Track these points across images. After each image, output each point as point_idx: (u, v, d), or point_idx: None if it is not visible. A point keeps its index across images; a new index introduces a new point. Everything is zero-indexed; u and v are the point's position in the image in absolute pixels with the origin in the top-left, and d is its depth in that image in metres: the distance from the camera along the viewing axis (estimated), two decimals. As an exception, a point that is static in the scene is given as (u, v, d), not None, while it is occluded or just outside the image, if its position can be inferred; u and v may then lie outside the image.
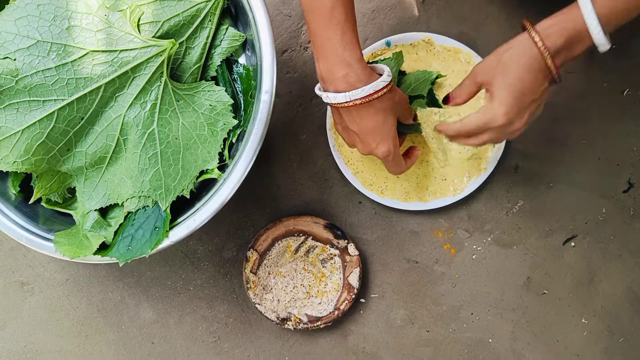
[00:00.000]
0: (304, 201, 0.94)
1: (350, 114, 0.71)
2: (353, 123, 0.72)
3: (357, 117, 0.71)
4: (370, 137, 0.72)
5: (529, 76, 0.65)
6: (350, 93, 0.68)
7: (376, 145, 0.72)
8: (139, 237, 0.74)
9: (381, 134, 0.72)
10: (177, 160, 0.75)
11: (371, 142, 0.72)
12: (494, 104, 0.68)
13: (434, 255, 0.93)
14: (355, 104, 0.69)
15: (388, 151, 0.73)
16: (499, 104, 0.67)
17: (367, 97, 0.68)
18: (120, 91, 0.73)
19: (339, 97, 0.69)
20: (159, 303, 0.95)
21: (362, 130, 0.72)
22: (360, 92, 0.68)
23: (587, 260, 0.93)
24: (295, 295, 0.91)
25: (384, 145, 0.73)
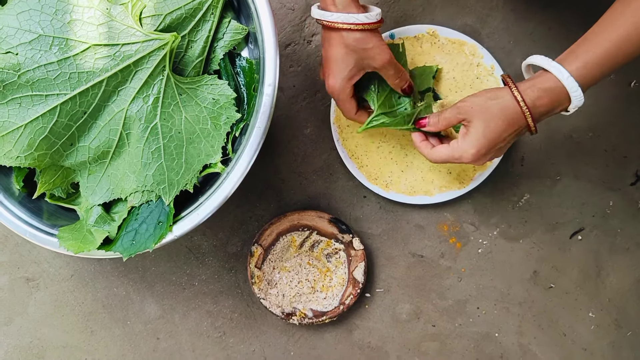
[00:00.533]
0: (309, 195, 0.93)
1: (324, 36, 0.74)
2: (324, 46, 0.74)
3: (326, 40, 0.73)
4: (327, 66, 0.74)
5: (507, 127, 0.71)
6: (320, 12, 0.71)
7: (328, 74, 0.74)
8: (143, 231, 0.74)
9: (333, 68, 0.73)
10: (180, 155, 0.74)
11: (327, 71, 0.74)
12: (466, 143, 0.72)
13: (439, 249, 0.93)
14: (323, 24, 0.71)
15: (332, 86, 0.74)
16: (472, 145, 0.72)
17: (333, 23, 0.70)
18: (122, 85, 0.72)
19: (314, 12, 0.73)
20: (164, 298, 0.94)
21: (325, 56, 0.74)
22: (329, 15, 0.70)
23: (594, 253, 0.92)
24: (300, 290, 0.91)
25: (332, 79, 0.74)
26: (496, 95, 0.71)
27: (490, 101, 0.71)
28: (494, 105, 0.71)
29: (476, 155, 0.72)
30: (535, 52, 0.91)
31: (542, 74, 0.70)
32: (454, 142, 0.74)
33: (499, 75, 0.90)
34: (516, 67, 0.92)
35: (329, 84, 0.75)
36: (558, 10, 0.92)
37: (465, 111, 0.73)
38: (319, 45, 0.94)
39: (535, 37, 0.92)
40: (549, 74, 0.69)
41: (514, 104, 0.70)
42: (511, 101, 0.70)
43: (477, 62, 0.90)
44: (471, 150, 0.72)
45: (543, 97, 0.69)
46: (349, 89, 0.76)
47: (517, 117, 0.70)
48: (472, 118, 0.72)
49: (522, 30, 0.92)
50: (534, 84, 0.69)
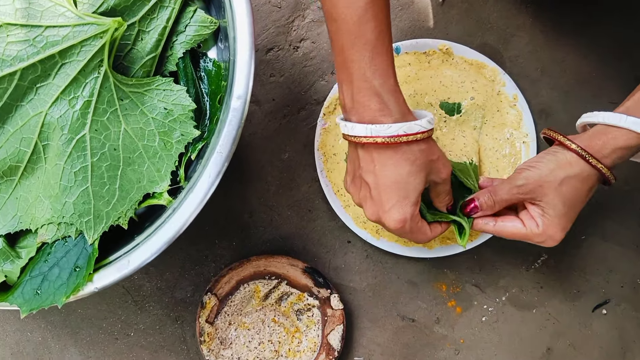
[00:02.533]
0: (281, 235, 0.76)
1: (369, 156, 0.56)
2: (369, 170, 0.57)
3: (377, 162, 0.56)
4: (385, 194, 0.56)
5: (587, 194, 0.61)
6: (373, 126, 0.54)
7: (390, 207, 0.56)
8: (53, 278, 0.55)
9: (399, 193, 0.56)
10: (113, 179, 0.56)
11: (385, 201, 0.56)
12: (550, 227, 0.60)
13: (435, 313, 0.76)
14: (376, 142, 0.54)
15: (403, 220, 0.57)
16: (559, 227, 0.60)
17: (394, 138, 0.54)
18: (42, 81, 0.55)
19: (358, 129, 0.54)
20: (90, 349, 0.76)
21: (378, 183, 0.56)
22: (386, 128, 0.53)
23: (620, 331, 0.76)
24: (260, 354, 0.72)
25: (398, 210, 0.56)
26: (565, 164, 0.60)
27: (561, 171, 0.59)
28: (571, 180, 0.59)
29: (562, 237, 0.61)
30: (564, 84, 0.76)
31: (609, 130, 0.58)
32: (531, 224, 0.61)
33: (521, 108, 0.74)
34: (542, 99, 0.76)
35: (398, 219, 0.57)
36: (595, 34, 0.77)
37: (530, 190, 0.60)
38: (307, 53, 0.77)
39: (566, 66, 0.77)
40: (622, 130, 0.57)
41: (591, 170, 0.59)
42: (587, 168, 0.59)
43: (498, 89, 0.75)
44: (559, 235, 0.61)
45: (623, 156, 0.59)
46: (418, 214, 0.59)
47: (594, 179, 0.60)
48: (543, 197, 0.60)
49: (552, 57, 0.77)
50: (606, 143, 0.58)
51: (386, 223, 0.57)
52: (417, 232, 0.60)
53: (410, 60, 0.74)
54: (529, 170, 0.60)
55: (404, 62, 0.74)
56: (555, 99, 0.77)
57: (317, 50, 0.77)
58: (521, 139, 0.74)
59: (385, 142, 0.54)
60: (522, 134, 0.74)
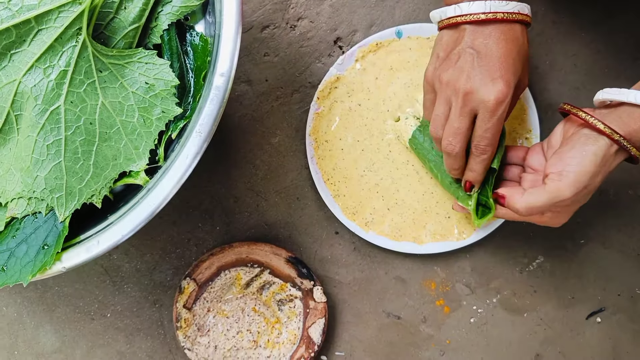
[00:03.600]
0: (266, 221, 0.73)
1: (476, 32, 0.56)
2: (475, 42, 0.56)
3: (486, 36, 0.56)
4: (491, 64, 0.55)
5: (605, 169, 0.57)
6: (492, 2, 0.55)
7: (493, 79, 0.55)
8: (20, 254, 0.53)
9: (507, 67, 0.55)
10: (88, 154, 0.54)
11: (487, 72, 0.55)
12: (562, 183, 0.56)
13: (422, 311, 0.73)
14: (496, 17, 0.55)
15: (506, 93, 0.55)
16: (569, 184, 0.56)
17: (512, 14, 0.55)
18: (17, 47, 0.52)
19: (475, 6, 0.56)
20: (65, 328, 0.73)
21: (485, 52, 0.55)
22: (504, 4, 0.55)
23: (614, 341, 0.73)
24: (238, 343, 0.70)
25: (503, 82, 0.55)
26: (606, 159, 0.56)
27: (602, 175, 0.57)
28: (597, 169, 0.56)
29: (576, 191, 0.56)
30: (574, 79, 0.73)
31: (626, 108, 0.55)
32: None
33: (527, 102, 0.70)
34: (550, 94, 0.73)
35: (502, 91, 0.55)
36: (611, 30, 0.73)
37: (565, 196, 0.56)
38: (304, 33, 0.74)
39: (578, 61, 0.73)
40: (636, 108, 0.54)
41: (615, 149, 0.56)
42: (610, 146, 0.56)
43: (502, 82, 0.71)
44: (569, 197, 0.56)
45: None
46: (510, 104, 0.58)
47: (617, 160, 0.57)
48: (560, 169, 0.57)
49: (564, 50, 0.73)
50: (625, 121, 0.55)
51: (484, 96, 0.55)
52: (501, 120, 0.57)
53: (411, 45, 0.70)
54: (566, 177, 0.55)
55: (404, 47, 0.70)
56: (564, 95, 0.73)
57: (315, 30, 0.74)
58: (524, 135, 0.70)
59: (504, 17, 0.55)
60: (525, 130, 0.70)
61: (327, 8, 0.74)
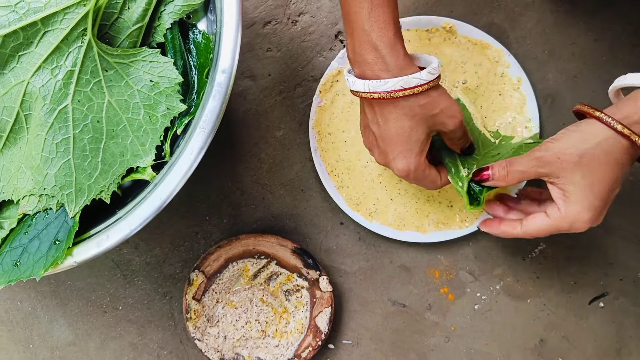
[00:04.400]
0: (272, 214, 0.74)
1: (372, 110, 0.57)
2: (374, 122, 0.58)
3: (380, 116, 0.57)
4: (389, 146, 0.57)
5: (618, 171, 0.55)
6: (369, 82, 0.54)
7: (393, 157, 0.58)
8: (33, 250, 0.55)
9: (402, 146, 0.57)
10: (96, 152, 0.55)
11: (389, 152, 0.58)
12: (574, 207, 0.56)
13: (426, 299, 0.74)
14: (373, 97, 0.54)
15: (406, 170, 0.58)
16: (584, 207, 0.55)
17: (390, 93, 0.54)
18: (25, 49, 0.53)
19: (358, 85, 0.55)
20: (79, 321, 0.75)
21: (381, 135, 0.58)
22: (382, 84, 0.53)
23: (617, 325, 0.74)
24: (247, 333, 0.72)
25: (401, 161, 0.57)
26: (588, 135, 0.55)
27: (584, 145, 0.55)
28: (592, 151, 0.55)
29: (593, 219, 0.56)
30: (573, 68, 0.73)
31: None
32: (554, 210, 0.57)
33: (526, 91, 0.71)
34: (549, 82, 0.73)
35: (401, 169, 0.58)
36: (609, 17, 0.73)
37: (547, 162, 0.56)
38: (306, 28, 0.75)
39: (576, 49, 0.74)
40: None
41: (620, 141, 0.54)
42: (614, 137, 0.54)
43: (502, 71, 0.72)
44: (586, 215, 0.55)
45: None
46: (424, 162, 0.59)
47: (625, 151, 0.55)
48: (564, 172, 0.55)
49: (561, 39, 0.74)
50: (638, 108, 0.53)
51: (393, 169, 0.59)
52: (425, 180, 0.60)
53: (410, 37, 0.71)
54: (550, 143, 0.57)
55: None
56: (563, 83, 0.74)
57: (316, 25, 0.75)
58: (524, 124, 0.71)
59: (382, 97, 0.54)
60: (525, 119, 0.71)
61: (328, 3, 0.75)
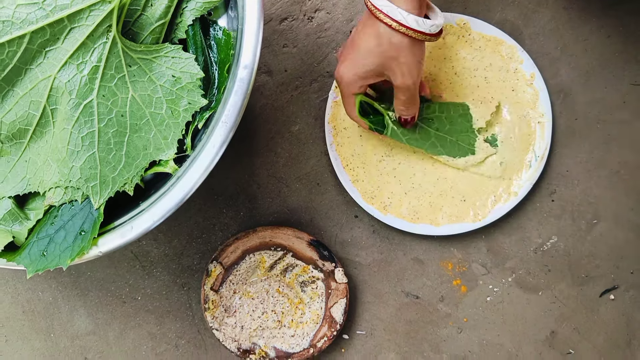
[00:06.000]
0: (288, 207, 0.76)
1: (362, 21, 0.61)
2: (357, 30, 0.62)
3: (361, 22, 0.61)
4: (347, 49, 0.62)
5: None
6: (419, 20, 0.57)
7: (343, 60, 0.62)
8: (59, 240, 0.56)
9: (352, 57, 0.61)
10: (120, 145, 0.57)
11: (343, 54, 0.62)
12: None
13: (439, 291, 0.75)
14: (366, 3, 0.59)
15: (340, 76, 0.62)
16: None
17: (373, 8, 0.58)
18: (51, 45, 0.54)
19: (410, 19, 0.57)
20: (98, 311, 0.77)
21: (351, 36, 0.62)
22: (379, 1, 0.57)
23: (627, 318, 0.75)
24: (263, 323, 0.73)
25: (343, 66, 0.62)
26: None
27: None
28: None
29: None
30: (585, 64, 0.74)
31: None
32: None
33: (539, 87, 0.72)
34: (561, 78, 0.74)
35: (339, 71, 0.62)
36: (622, 14, 0.74)
37: None
38: (322, 24, 0.76)
39: (588, 46, 0.74)
40: None
41: None
42: None
43: (515, 67, 0.73)
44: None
45: None
46: (359, 87, 0.62)
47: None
48: None
49: (575, 35, 0.74)
50: None
51: (335, 70, 0.63)
52: (347, 100, 0.64)
53: (425, 34, 0.72)
54: None
55: None
56: (575, 79, 0.75)
57: (331, 22, 0.76)
58: (536, 119, 0.72)
59: (371, 8, 0.57)
60: (537, 114, 0.72)
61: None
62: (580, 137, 0.74)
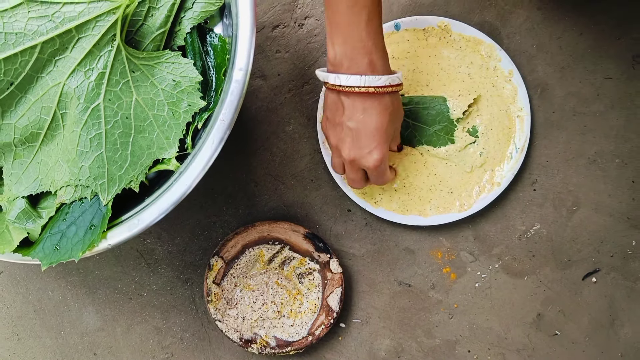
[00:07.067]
0: (284, 203, 0.80)
1: (353, 106, 0.64)
2: (353, 117, 0.64)
3: (361, 111, 0.64)
4: (366, 139, 0.65)
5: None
6: (366, 77, 0.62)
7: (370, 150, 0.66)
8: (71, 235, 0.60)
9: (380, 138, 0.65)
10: (125, 145, 0.61)
11: (365, 145, 0.65)
12: None
13: (430, 279, 0.79)
14: (368, 91, 0.62)
15: (380, 160, 0.66)
16: None
17: (383, 88, 0.63)
18: (61, 54, 0.59)
19: (352, 80, 0.62)
20: (106, 308, 0.81)
21: (361, 128, 0.65)
22: (377, 79, 0.62)
23: (610, 299, 0.79)
24: (263, 314, 0.77)
25: (378, 152, 0.66)
26: None
27: None
28: None
29: None
30: (560, 60, 0.79)
31: None
32: None
33: (517, 83, 0.77)
34: (538, 74, 0.79)
35: (377, 159, 0.66)
36: (593, 13, 0.79)
37: None
38: (311, 30, 0.81)
39: (563, 43, 0.79)
40: None
41: None
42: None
43: (494, 65, 0.77)
44: None
45: None
46: None
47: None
48: None
49: (549, 33, 0.79)
50: None
51: (365, 163, 0.66)
52: (385, 172, 0.68)
53: (409, 36, 0.77)
54: None
55: (402, 39, 0.77)
56: (551, 74, 0.79)
57: (320, 28, 0.80)
58: (516, 113, 0.77)
59: (375, 91, 0.62)
60: (516, 108, 0.77)
61: (331, 6, 0.80)
62: (558, 129, 0.78)
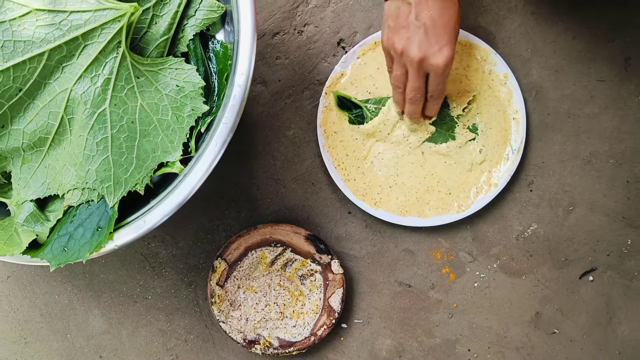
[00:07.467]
0: (286, 206, 0.82)
1: (421, 6, 0.63)
2: (421, 14, 0.63)
3: (430, 6, 0.63)
4: (436, 35, 0.63)
5: None
6: None
7: (440, 47, 0.64)
8: (78, 236, 0.62)
9: (450, 34, 0.63)
10: (131, 149, 0.63)
11: (435, 42, 0.64)
12: None
13: (430, 279, 0.81)
14: None
15: (452, 56, 0.64)
16: None
17: None
18: (67, 61, 0.61)
19: None
20: (112, 311, 0.82)
21: (430, 25, 0.63)
22: None
23: (606, 297, 0.80)
24: (266, 315, 0.79)
25: (449, 48, 0.64)
26: None
27: None
28: None
29: None
30: (555, 63, 0.80)
31: None
32: None
33: (512, 86, 0.78)
34: (533, 77, 0.81)
35: (448, 56, 0.65)
36: (586, 16, 0.81)
37: None
38: (311, 37, 0.82)
39: (556, 47, 0.81)
40: None
41: None
42: None
43: (490, 69, 0.79)
44: None
45: None
46: None
47: None
48: None
49: (543, 37, 0.81)
50: None
51: (435, 60, 0.64)
52: (447, 79, 0.68)
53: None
54: None
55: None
56: (545, 77, 0.81)
57: (320, 34, 0.82)
58: (512, 115, 0.78)
59: None
60: (512, 111, 0.78)
61: (330, 14, 0.83)
62: (553, 131, 0.80)
